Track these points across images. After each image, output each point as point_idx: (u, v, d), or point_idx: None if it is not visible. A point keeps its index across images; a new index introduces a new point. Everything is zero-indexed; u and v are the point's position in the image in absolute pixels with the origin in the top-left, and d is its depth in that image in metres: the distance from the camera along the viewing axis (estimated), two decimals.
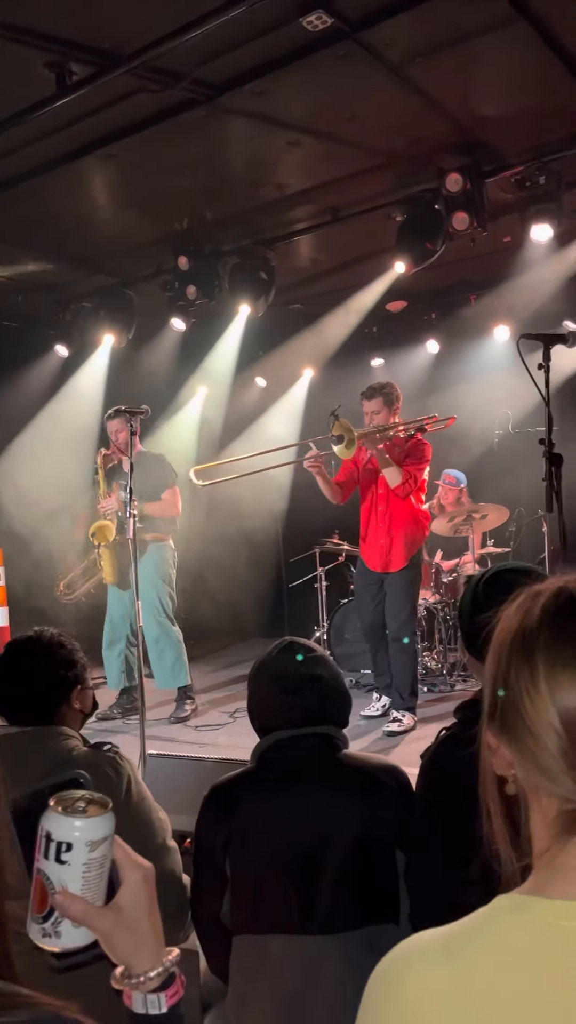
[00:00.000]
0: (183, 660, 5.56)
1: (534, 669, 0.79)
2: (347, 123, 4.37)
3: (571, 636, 0.79)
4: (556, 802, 0.78)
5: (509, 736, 0.81)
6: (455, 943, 0.78)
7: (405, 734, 5.08)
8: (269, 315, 6.29)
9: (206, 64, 3.78)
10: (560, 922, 0.76)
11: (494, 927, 0.78)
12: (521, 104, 4.26)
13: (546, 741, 0.77)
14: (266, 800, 1.83)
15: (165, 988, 0.91)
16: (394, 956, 0.80)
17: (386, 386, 5.14)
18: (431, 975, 0.76)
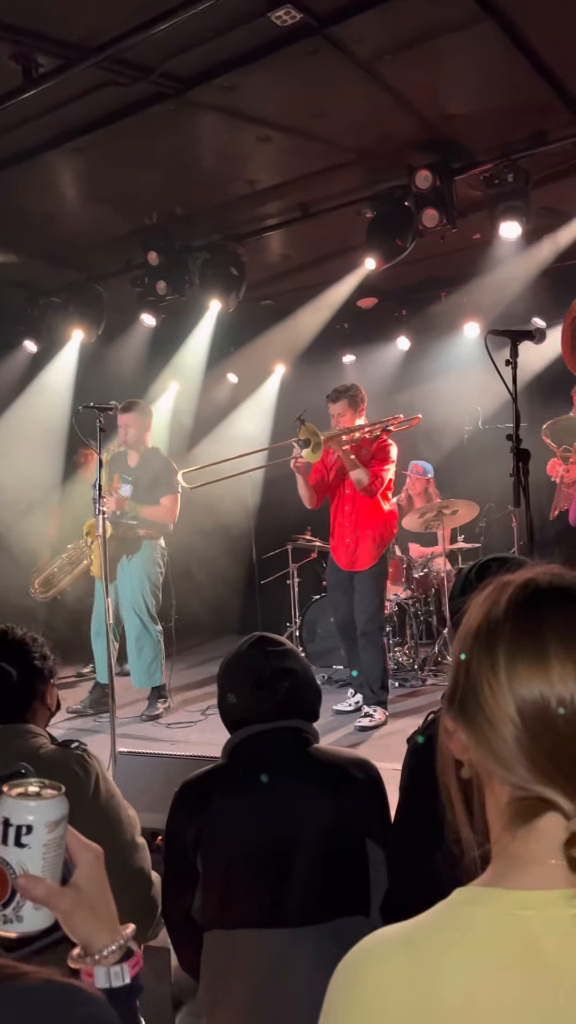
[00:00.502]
0: (160, 660, 5.55)
1: (495, 659, 0.79)
2: (317, 119, 4.38)
3: (534, 628, 0.79)
4: (508, 789, 0.79)
5: (467, 721, 0.82)
6: (416, 936, 0.79)
7: (376, 729, 5.12)
8: (240, 311, 6.28)
9: (175, 58, 3.76)
10: (517, 912, 0.77)
11: (454, 920, 0.79)
12: (488, 102, 4.29)
13: (502, 730, 0.78)
14: (237, 796, 1.83)
15: (126, 959, 0.95)
16: (357, 951, 0.81)
17: (351, 388, 5.23)
18: (393, 969, 0.77)
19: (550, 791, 0.77)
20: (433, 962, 0.76)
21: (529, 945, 0.75)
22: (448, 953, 0.77)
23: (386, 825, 1.87)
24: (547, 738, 0.76)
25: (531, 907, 0.77)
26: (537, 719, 0.76)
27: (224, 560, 7.92)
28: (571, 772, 0.76)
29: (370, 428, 5.10)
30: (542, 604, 0.81)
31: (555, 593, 0.82)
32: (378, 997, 0.76)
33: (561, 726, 0.76)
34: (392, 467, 5.17)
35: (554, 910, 0.76)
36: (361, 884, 1.79)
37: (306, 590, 6.65)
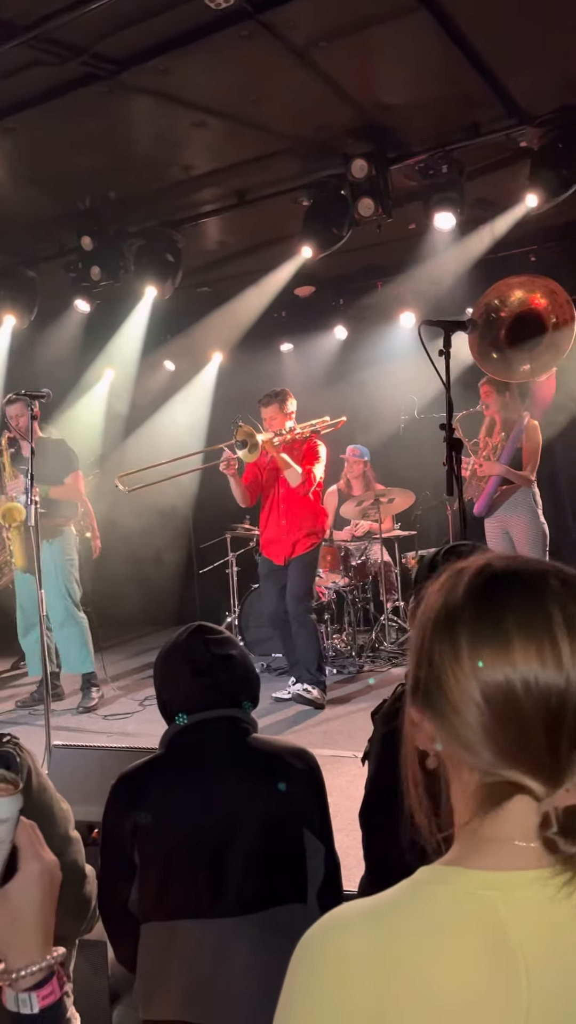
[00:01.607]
0: (88, 647, 5.51)
1: (457, 645, 0.79)
2: (252, 105, 4.35)
3: (493, 612, 0.80)
4: (476, 775, 0.80)
5: (432, 711, 0.82)
6: (379, 912, 0.79)
7: (315, 708, 5.18)
8: (177, 298, 6.22)
9: (107, 38, 3.69)
10: (479, 892, 0.77)
11: (416, 897, 0.80)
12: (423, 93, 4.32)
13: (467, 716, 0.78)
14: (175, 787, 1.82)
15: (39, 988, 0.87)
16: (320, 926, 0.81)
17: (280, 393, 5.42)
18: (355, 943, 0.77)
19: (518, 774, 0.77)
20: (395, 938, 0.77)
21: (492, 925, 0.75)
22: (410, 929, 0.77)
23: (323, 814, 1.88)
24: (513, 721, 0.77)
25: (495, 887, 0.77)
26: (502, 703, 0.77)
27: (163, 549, 7.87)
28: (538, 754, 0.77)
29: (301, 430, 5.35)
30: (500, 588, 0.81)
31: (512, 577, 0.82)
32: (342, 972, 0.76)
33: (526, 708, 0.76)
34: (321, 466, 5.42)
35: (520, 891, 0.77)
36: (298, 873, 1.80)
37: (245, 579, 6.65)
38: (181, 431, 7.73)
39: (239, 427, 5.17)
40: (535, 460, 5.12)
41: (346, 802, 2.88)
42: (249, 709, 1.94)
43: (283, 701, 5.37)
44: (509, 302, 4.20)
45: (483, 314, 4.17)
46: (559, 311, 4.09)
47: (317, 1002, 0.76)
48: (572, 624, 0.78)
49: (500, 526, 5.21)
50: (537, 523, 5.13)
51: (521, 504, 5.11)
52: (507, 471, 5.06)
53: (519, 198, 4.89)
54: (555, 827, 0.76)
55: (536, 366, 4.21)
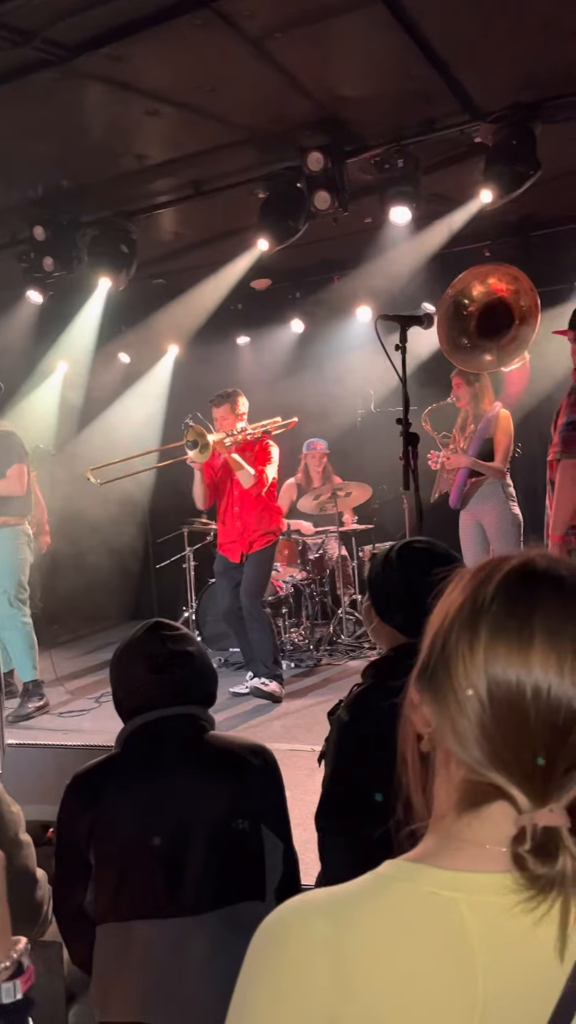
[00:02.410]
0: (31, 654, 5.26)
1: (476, 635, 0.77)
2: (208, 95, 4.30)
3: (522, 609, 0.77)
4: (463, 770, 0.78)
5: (434, 695, 0.80)
6: (339, 904, 0.78)
7: (272, 702, 5.19)
8: (132, 289, 6.15)
9: (58, 23, 3.61)
10: (442, 892, 0.76)
11: (378, 891, 0.78)
12: (379, 87, 4.32)
13: (468, 708, 0.76)
14: (131, 785, 1.80)
15: (18, 975, 0.93)
16: (278, 914, 0.80)
17: (231, 393, 5.42)
18: (314, 932, 0.76)
19: (504, 780, 0.75)
20: (354, 932, 0.75)
21: (453, 927, 0.74)
22: (370, 923, 0.76)
23: (281, 810, 1.88)
24: (513, 726, 0.74)
25: (459, 889, 0.76)
26: (507, 703, 0.75)
27: (119, 545, 7.79)
28: (531, 766, 0.74)
29: (252, 431, 5.36)
30: (536, 587, 0.78)
31: (552, 579, 0.79)
32: (300, 961, 0.75)
33: (531, 716, 0.74)
34: (274, 467, 5.42)
35: (483, 895, 0.75)
36: (256, 869, 1.79)
37: (202, 574, 6.62)
38: (137, 424, 7.66)
39: (189, 427, 5.13)
40: (506, 451, 5.13)
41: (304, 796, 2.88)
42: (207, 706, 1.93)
43: (241, 696, 5.37)
44: (477, 292, 4.21)
45: (452, 304, 4.17)
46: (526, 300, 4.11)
47: (274, 990, 0.76)
48: None
49: (473, 517, 5.24)
50: (508, 514, 5.14)
51: (491, 495, 5.13)
52: (474, 463, 5.08)
53: (474, 193, 4.92)
54: (528, 844, 0.74)
55: (502, 356, 4.23)
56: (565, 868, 0.73)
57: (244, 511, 5.39)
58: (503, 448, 5.12)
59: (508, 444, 5.14)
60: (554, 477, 3.61)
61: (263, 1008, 0.76)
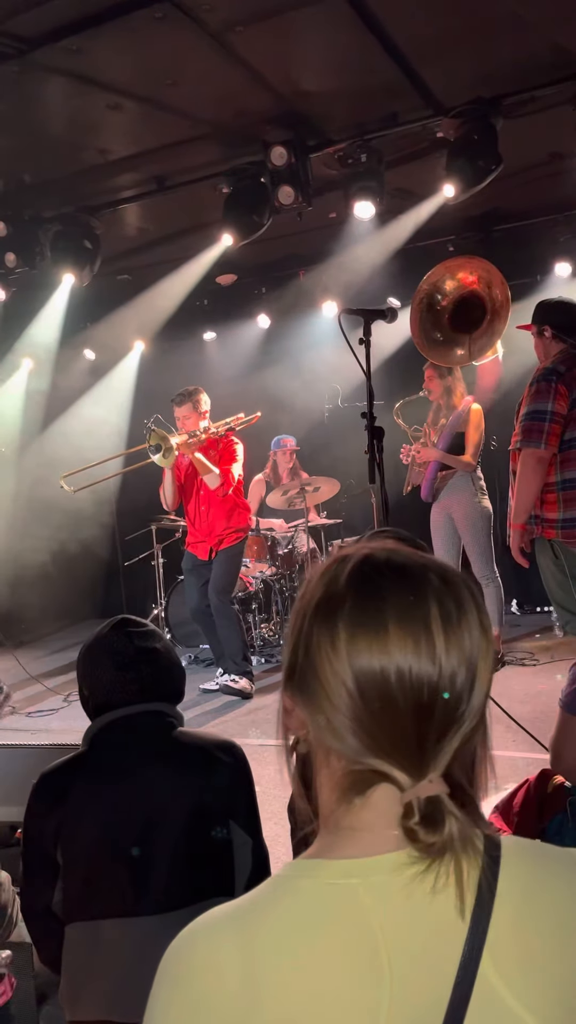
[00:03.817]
0: None
1: (334, 631, 0.80)
2: (170, 89, 4.27)
3: (373, 601, 0.80)
4: (343, 763, 0.81)
5: (305, 697, 0.82)
6: (244, 914, 0.79)
7: (242, 698, 5.18)
8: (96, 285, 6.10)
9: (16, 16, 3.56)
10: (339, 881, 0.78)
11: (280, 894, 0.80)
12: (341, 81, 4.32)
13: (339, 703, 0.79)
14: (98, 784, 1.79)
15: None
16: (184, 934, 0.80)
17: (193, 391, 5.37)
18: (220, 949, 0.77)
19: (384, 763, 0.78)
20: (261, 939, 0.76)
21: (354, 913, 0.76)
22: (274, 928, 0.77)
23: (251, 806, 1.88)
24: (383, 710, 0.77)
25: (355, 875, 0.78)
26: (375, 691, 0.78)
27: (86, 542, 7.74)
28: (406, 744, 0.78)
29: (215, 429, 5.32)
30: (381, 578, 0.82)
31: (393, 568, 0.83)
32: (207, 978, 0.75)
33: (398, 698, 0.77)
34: (239, 464, 5.40)
35: (378, 876, 0.78)
36: (225, 866, 1.79)
37: (171, 571, 6.59)
38: (103, 421, 7.60)
39: (152, 431, 5.08)
40: (477, 444, 5.18)
41: (274, 791, 2.89)
42: (174, 702, 1.92)
43: (210, 692, 5.36)
44: (450, 286, 4.22)
45: (425, 298, 4.18)
46: (498, 294, 4.14)
47: (185, 1011, 0.75)
48: (448, 619, 0.79)
49: (443, 510, 5.29)
50: (477, 506, 5.20)
51: (461, 488, 5.18)
52: (443, 456, 5.11)
53: (437, 188, 4.94)
54: (416, 816, 0.77)
55: (473, 349, 4.25)
56: (452, 831, 0.76)
57: (212, 510, 5.37)
58: (473, 443, 5.17)
59: (479, 438, 5.19)
60: (515, 467, 3.65)
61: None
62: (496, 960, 0.75)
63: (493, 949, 0.75)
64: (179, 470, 5.41)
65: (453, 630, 0.79)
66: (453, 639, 0.79)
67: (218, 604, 5.31)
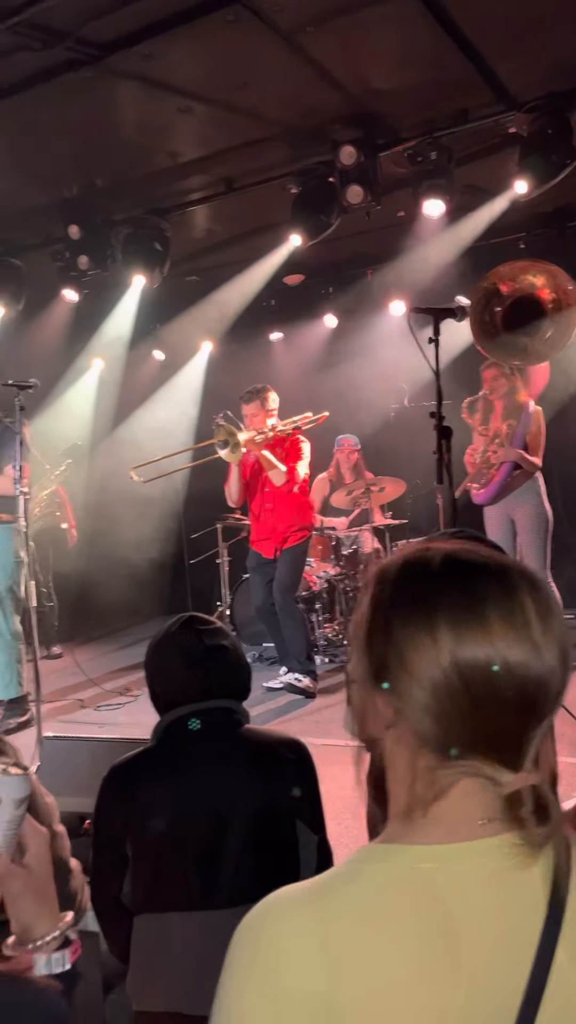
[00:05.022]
0: (14, 667, 4.81)
1: (434, 626, 0.80)
2: (239, 91, 4.31)
3: (471, 596, 0.81)
4: (434, 757, 0.80)
5: (393, 694, 0.81)
6: (319, 892, 0.79)
7: (306, 697, 5.19)
8: (165, 287, 6.18)
9: (90, 23, 3.64)
10: (420, 865, 0.78)
11: (357, 875, 0.80)
12: (412, 78, 4.29)
13: (440, 696, 0.79)
14: (166, 778, 1.81)
15: (66, 947, 0.97)
16: (258, 910, 0.80)
17: (261, 389, 5.37)
18: (296, 922, 0.77)
19: (481, 755, 0.79)
20: (338, 916, 0.76)
21: (431, 898, 0.76)
22: (352, 907, 0.77)
23: (316, 804, 1.88)
24: (487, 701, 0.78)
25: (433, 860, 0.78)
26: (480, 683, 0.78)
27: (153, 540, 7.85)
28: (507, 735, 0.79)
29: (283, 427, 5.31)
30: (475, 574, 0.83)
31: (483, 565, 0.84)
32: (288, 957, 0.75)
33: (502, 689, 0.78)
34: (305, 463, 5.39)
35: (457, 863, 0.78)
36: (291, 863, 1.80)
37: (236, 570, 6.64)
38: (171, 421, 7.70)
39: (220, 427, 5.10)
40: (541, 446, 5.11)
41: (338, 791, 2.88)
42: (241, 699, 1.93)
43: (274, 691, 5.38)
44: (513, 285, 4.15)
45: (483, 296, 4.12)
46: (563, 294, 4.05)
47: (268, 991, 0.75)
48: (543, 614, 0.81)
49: (505, 512, 5.20)
50: (543, 509, 5.13)
51: (530, 491, 5.11)
52: (522, 457, 5.05)
53: (509, 184, 4.87)
54: (529, 805, 0.78)
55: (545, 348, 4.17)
56: (556, 819, 0.78)
57: (277, 508, 5.38)
58: (541, 444, 5.10)
59: (543, 440, 5.12)
60: None
61: (259, 1011, 0.75)
62: (570, 951, 0.75)
63: (567, 940, 0.75)
64: (245, 467, 5.42)
65: (548, 625, 0.80)
66: (549, 633, 0.80)
67: (283, 603, 5.33)
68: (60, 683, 5.62)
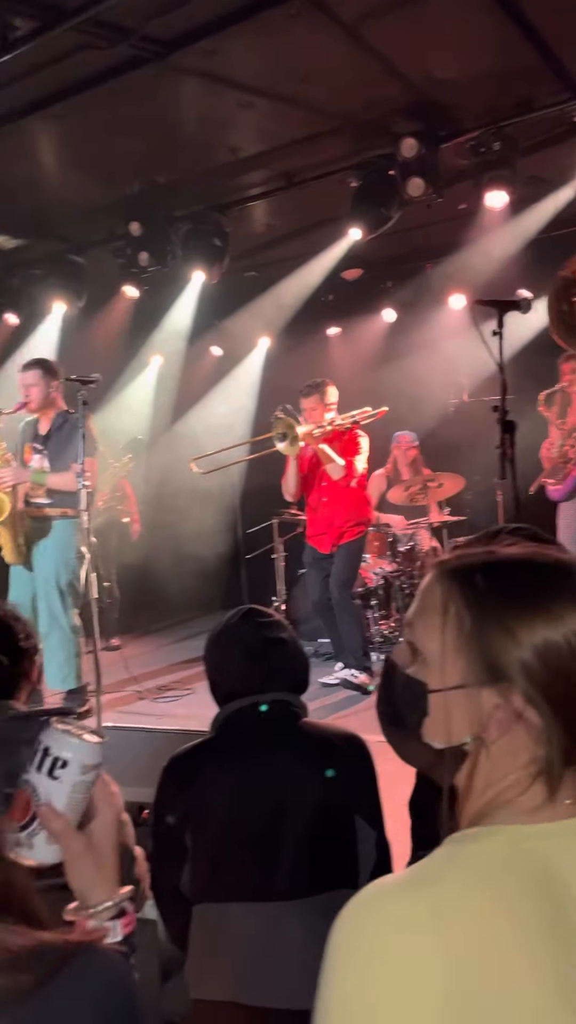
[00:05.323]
0: (74, 659, 4.82)
1: (556, 619, 0.82)
2: (300, 85, 4.29)
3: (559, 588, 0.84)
4: (535, 746, 0.82)
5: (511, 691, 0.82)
6: (420, 878, 0.78)
7: (362, 693, 5.17)
8: (224, 282, 6.21)
9: (154, 20, 3.66)
10: (522, 844, 0.78)
11: (456, 858, 0.79)
12: (475, 67, 4.22)
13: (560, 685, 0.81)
14: (225, 769, 1.82)
15: (119, 918, 0.97)
16: (360, 897, 0.78)
17: (321, 383, 5.36)
18: (401, 907, 0.75)
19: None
20: (441, 899, 0.75)
21: (538, 871, 0.76)
22: (458, 887, 0.76)
23: (374, 800, 1.87)
24: None
25: (536, 837, 0.79)
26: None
27: (209, 535, 7.90)
28: None
29: (341, 421, 5.30)
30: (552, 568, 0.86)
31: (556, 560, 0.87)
32: (386, 938, 0.73)
33: None
34: (363, 457, 5.37)
35: (561, 839, 0.78)
36: (349, 858, 1.79)
37: (292, 565, 6.64)
38: (228, 416, 7.74)
39: (279, 420, 5.12)
40: None
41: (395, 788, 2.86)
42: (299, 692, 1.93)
43: (330, 686, 5.37)
44: None
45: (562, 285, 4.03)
46: None
47: (385, 979, 0.72)
48: None
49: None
50: None
51: None
52: None
53: (574, 174, 4.76)
54: None
55: None
56: None
57: (334, 502, 5.36)
58: None
59: None
60: None
61: (379, 1000, 0.72)
62: None
63: None
64: (302, 461, 5.42)
65: None
66: None
67: (339, 598, 5.32)
68: (119, 675, 5.70)
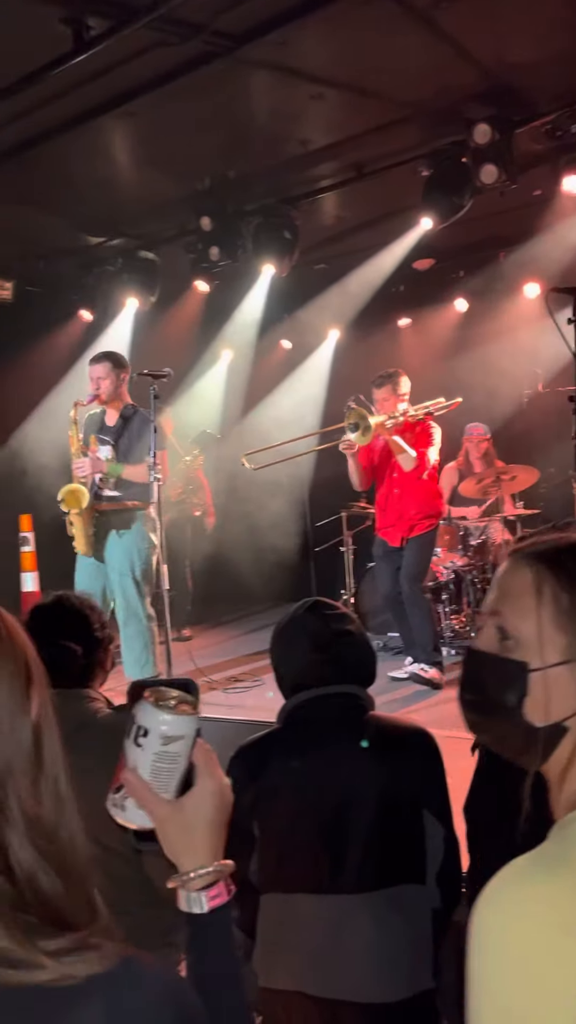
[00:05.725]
0: (151, 650, 4.89)
1: None
2: (371, 74, 4.25)
3: None
4: None
5: None
6: (551, 859, 0.80)
7: (432, 688, 5.12)
8: (293, 276, 6.21)
9: (225, 14, 3.67)
10: None
11: None
12: (551, 49, 4.11)
13: None
14: (294, 760, 1.82)
15: (207, 889, 0.95)
16: (497, 879, 0.79)
17: (393, 374, 5.31)
18: (544, 887, 0.77)
19: None
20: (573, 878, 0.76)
21: None
22: None
23: (442, 795, 1.85)
24: None
25: None
26: None
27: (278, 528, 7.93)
28: None
29: (414, 412, 5.24)
30: None
31: None
32: (534, 917, 0.75)
33: None
34: (436, 449, 5.31)
35: None
36: (417, 853, 1.78)
37: (360, 558, 6.61)
38: (299, 411, 7.74)
39: (351, 410, 5.09)
40: None
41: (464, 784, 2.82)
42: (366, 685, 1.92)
43: (399, 680, 5.34)
44: None
45: None
46: None
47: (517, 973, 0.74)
48: None
49: None
50: None
51: None
52: None
53: None
54: None
55: None
56: None
57: (405, 494, 5.32)
58: None
59: None
60: None
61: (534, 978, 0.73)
62: None
63: None
64: (373, 452, 5.39)
65: None
66: None
67: (409, 592, 5.27)
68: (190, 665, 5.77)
